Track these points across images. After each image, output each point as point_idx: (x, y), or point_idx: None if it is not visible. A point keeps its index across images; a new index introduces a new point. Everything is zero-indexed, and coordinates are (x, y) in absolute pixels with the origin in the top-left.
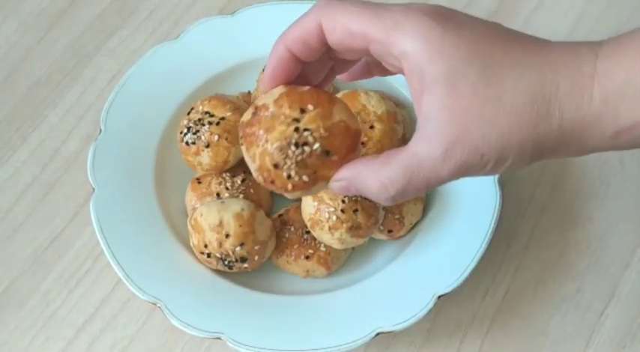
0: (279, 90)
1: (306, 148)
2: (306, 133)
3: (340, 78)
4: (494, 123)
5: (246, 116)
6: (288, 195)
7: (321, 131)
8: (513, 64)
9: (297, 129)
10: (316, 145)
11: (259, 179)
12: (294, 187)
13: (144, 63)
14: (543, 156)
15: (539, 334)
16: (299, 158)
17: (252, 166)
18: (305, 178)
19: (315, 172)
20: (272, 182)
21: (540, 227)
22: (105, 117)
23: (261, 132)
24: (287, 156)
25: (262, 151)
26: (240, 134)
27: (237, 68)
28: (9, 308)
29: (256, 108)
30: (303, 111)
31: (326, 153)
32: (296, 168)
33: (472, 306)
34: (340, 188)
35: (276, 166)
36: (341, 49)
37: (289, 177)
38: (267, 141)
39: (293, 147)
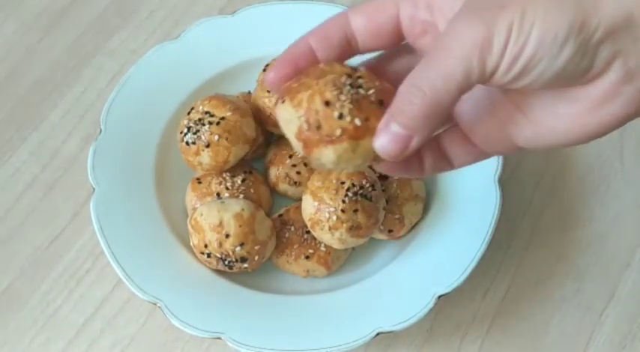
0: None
1: (361, 91)
2: (360, 80)
3: None
4: None
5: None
6: (327, 155)
7: (376, 83)
8: None
9: (350, 76)
10: (371, 91)
11: (302, 128)
12: (343, 133)
13: (144, 63)
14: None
15: (540, 334)
16: (354, 96)
17: (294, 117)
18: (357, 122)
19: (368, 119)
20: (318, 127)
21: (540, 227)
22: (105, 117)
23: (311, 79)
24: (341, 92)
25: (311, 93)
26: (280, 93)
27: (237, 68)
28: (9, 308)
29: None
30: (354, 69)
31: (380, 102)
32: (349, 107)
33: (472, 306)
34: (395, 137)
35: (327, 104)
36: (369, 31)
37: (341, 116)
38: (317, 83)
39: (348, 87)
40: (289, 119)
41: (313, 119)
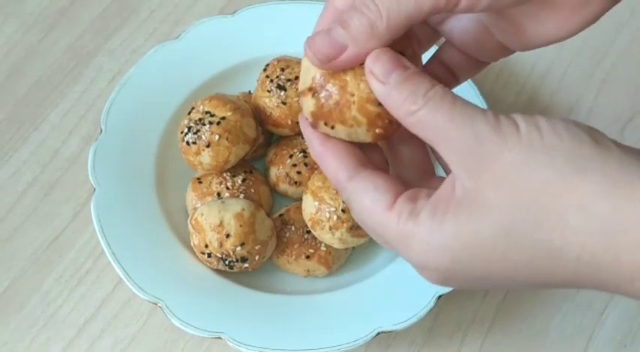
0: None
1: None
2: None
3: None
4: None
5: (308, 105)
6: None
7: None
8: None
9: None
10: None
11: (377, 134)
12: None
13: (144, 63)
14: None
15: (540, 334)
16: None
17: (361, 131)
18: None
19: None
20: (390, 122)
21: None
22: (105, 117)
23: (344, 92)
24: None
25: (358, 104)
26: (321, 119)
27: (237, 68)
28: (10, 308)
29: (313, 93)
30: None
31: None
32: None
33: (473, 306)
34: (330, 41)
35: (380, 104)
36: None
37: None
38: (352, 94)
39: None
40: (357, 133)
41: (381, 122)
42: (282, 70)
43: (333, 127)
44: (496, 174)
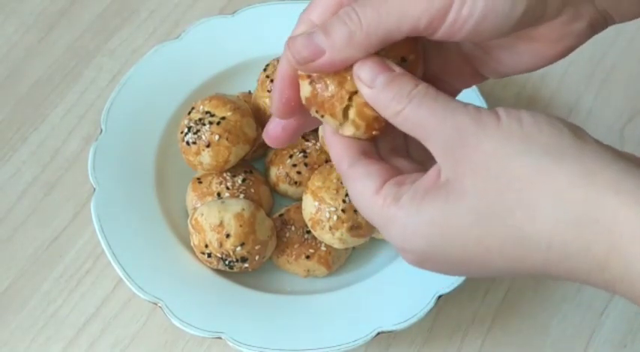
0: None
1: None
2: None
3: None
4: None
5: (305, 90)
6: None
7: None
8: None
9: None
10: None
11: (374, 135)
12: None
13: (144, 63)
14: None
15: (540, 333)
16: None
17: (358, 132)
18: None
19: None
20: (386, 124)
21: None
22: (105, 117)
23: (341, 89)
24: None
25: (357, 108)
26: (313, 106)
27: (237, 68)
28: (10, 308)
29: (311, 80)
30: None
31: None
32: None
33: (473, 306)
34: (310, 43)
35: None
36: None
37: None
38: (348, 91)
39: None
40: (354, 135)
41: (377, 124)
42: None
43: (322, 117)
44: (474, 162)
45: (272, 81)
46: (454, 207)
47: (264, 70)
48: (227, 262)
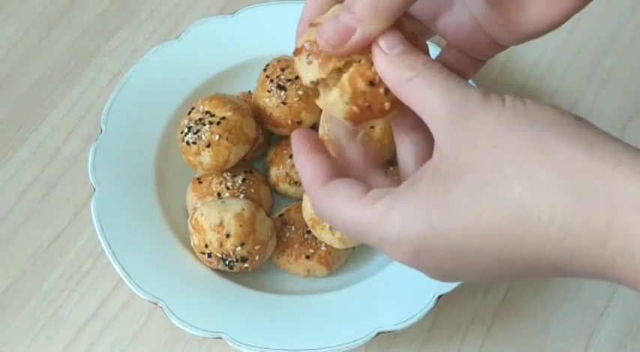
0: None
1: None
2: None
3: None
4: None
5: (309, 34)
6: (378, 122)
7: None
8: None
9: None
10: None
11: (352, 111)
12: (392, 105)
13: (144, 63)
14: None
15: (540, 333)
16: None
17: (340, 101)
18: None
19: None
20: (369, 107)
21: None
22: (106, 117)
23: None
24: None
25: (352, 74)
26: (308, 53)
27: (237, 68)
28: (10, 308)
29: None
30: None
31: None
32: None
33: (473, 306)
34: (339, 26)
35: (372, 84)
36: None
37: (387, 92)
38: (349, 61)
39: None
40: (334, 102)
41: (362, 100)
42: (282, 70)
43: (310, 63)
44: (475, 132)
45: (272, 81)
46: (453, 185)
47: (264, 70)
48: (227, 262)
